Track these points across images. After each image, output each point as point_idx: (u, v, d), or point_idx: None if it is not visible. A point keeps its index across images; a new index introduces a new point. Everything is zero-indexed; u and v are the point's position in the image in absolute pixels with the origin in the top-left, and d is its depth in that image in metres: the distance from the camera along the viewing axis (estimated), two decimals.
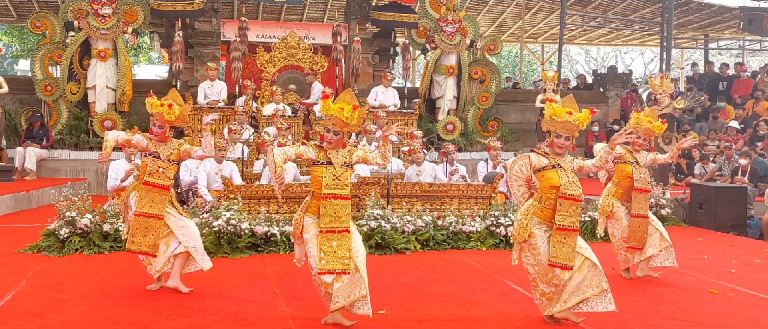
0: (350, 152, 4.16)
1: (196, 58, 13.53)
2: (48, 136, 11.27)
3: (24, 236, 6.81)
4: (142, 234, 4.70)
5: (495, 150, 9.29)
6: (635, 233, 5.55)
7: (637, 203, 5.57)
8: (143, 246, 4.72)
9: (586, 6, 18.12)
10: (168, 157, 4.82)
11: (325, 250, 3.97)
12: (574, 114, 4.13)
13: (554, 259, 4.10)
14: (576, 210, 4.13)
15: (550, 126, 4.24)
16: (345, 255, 3.97)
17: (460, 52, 13.21)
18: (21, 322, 4.11)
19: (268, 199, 6.91)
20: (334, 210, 4.00)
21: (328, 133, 4.10)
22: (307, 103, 11.93)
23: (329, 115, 4.07)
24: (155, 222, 4.72)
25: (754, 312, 4.73)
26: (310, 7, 18.02)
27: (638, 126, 5.69)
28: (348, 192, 4.07)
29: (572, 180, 4.16)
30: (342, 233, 4.00)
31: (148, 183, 4.75)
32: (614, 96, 15.88)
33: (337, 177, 4.03)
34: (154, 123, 4.83)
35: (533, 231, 4.16)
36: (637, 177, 5.59)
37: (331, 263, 3.96)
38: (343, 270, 3.96)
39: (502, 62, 30.99)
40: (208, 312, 4.40)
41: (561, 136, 4.18)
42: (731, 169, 10.63)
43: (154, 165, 4.77)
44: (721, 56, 26.02)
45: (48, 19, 11.78)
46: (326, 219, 4.00)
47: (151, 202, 4.72)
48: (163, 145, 4.85)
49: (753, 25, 15.96)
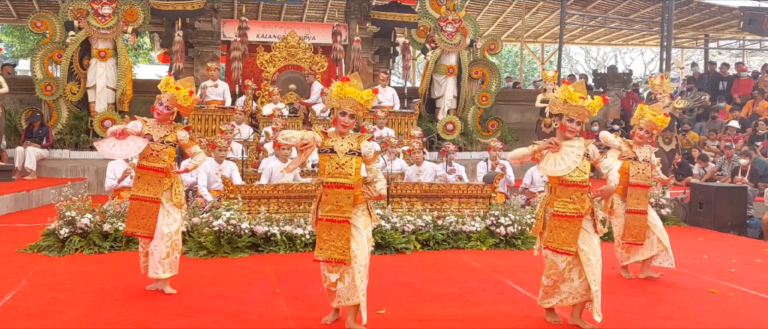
0: (359, 139, 4.04)
1: (196, 58, 13.52)
2: (48, 136, 11.27)
3: (24, 236, 6.81)
4: (138, 217, 4.67)
5: (495, 150, 9.29)
6: (632, 229, 5.50)
7: (633, 199, 5.51)
8: (140, 229, 4.70)
9: (586, 6, 18.11)
10: (162, 139, 4.74)
11: (323, 238, 3.92)
12: (587, 99, 4.10)
13: (550, 244, 4.05)
14: (581, 196, 4.04)
15: (561, 109, 4.14)
16: (344, 245, 3.90)
17: (460, 51, 13.21)
18: (21, 322, 4.11)
19: (268, 199, 6.90)
20: (335, 199, 3.92)
21: (344, 116, 3.99)
22: (307, 102, 11.93)
23: (345, 98, 3.96)
24: (151, 205, 4.68)
25: (754, 312, 4.72)
26: (310, 7, 18.02)
27: (642, 118, 5.60)
28: (351, 181, 3.95)
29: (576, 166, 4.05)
30: (342, 223, 3.92)
31: (143, 166, 4.71)
32: (614, 96, 15.87)
33: (339, 165, 3.94)
34: (161, 102, 4.75)
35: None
36: (633, 172, 5.53)
37: (328, 252, 3.91)
38: (340, 260, 3.91)
39: (502, 62, 30.99)
40: (208, 312, 4.40)
41: (573, 120, 4.11)
42: (731, 169, 10.63)
43: (148, 148, 4.70)
44: (721, 56, 26.03)
45: (48, 19, 11.78)
46: (327, 207, 3.93)
47: (147, 185, 4.68)
48: (158, 127, 4.77)
49: (753, 24, 15.95)
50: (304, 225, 6.56)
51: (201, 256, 6.12)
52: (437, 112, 13.38)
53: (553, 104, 4.20)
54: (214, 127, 10.73)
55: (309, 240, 6.38)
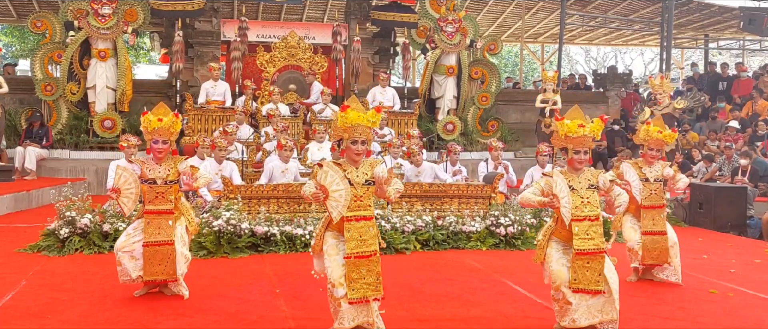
0: (372, 165, 3.82)
1: (196, 58, 13.53)
2: (48, 136, 11.27)
3: (24, 236, 6.81)
4: (156, 263, 4.54)
5: (497, 150, 9.28)
6: (651, 251, 5.35)
7: (648, 221, 5.36)
8: (160, 275, 4.58)
9: (586, 6, 18.12)
10: (165, 180, 4.58)
11: (353, 278, 3.68)
12: (587, 126, 3.97)
13: (576, 285, 3.86)
14: (597, 231, 3.87)
15: (565, 143, 4.03)
16: (375, 280, 3.74)
17: (460, 52, 13.21)
18: (21, 322, 4.11)
19: (268, 199, 6.90)
20: (358, 234, 3.71)
21: (356, 144, 3.75)
22: (307, 102, 11.94)
23: (354, 126, 3.73)
24: (167, 248, 4.55)
25: (754, 312, 4.72)
26: (310, 7, 18.03)
27: (649, 138, 5.44)
28: (371, 212, 3.77)
29: (586, 200, 3.91)
30: (369, 257, 3.72)
31: (150, 211, 4.55)
32: (614, 96, 15.88)
33: (358, 198, 3.73)
34: (156, 140, 4.55)
35: (549, 252, 4.03)
36: (645, 194, 5.36)
37: (361, 291, 3.69)
38: (374, 298, 3.73)
39: (502, 62, 30.99)
40: (208, 312, 4.40)
41: (579, 152, 3.97)
42: (731, 169, 10.63)
43: (152, 192, 4.54)
44: (721, 56, 26.03)
45: (48, 19, 11.78)
46: (352, 244, 3.70)
47: (158, 229, 4.54)
48: (159, 167, 4.60)
49: (753, 25, 15.95)
50: (304, 225, 6.56)
51: (201, 256, 6.11)
52: (437, 112, 13.38)
53: (556, 140, 4.10)
54: (214, 127, 10.73)
55: (309, 240, 6.38)
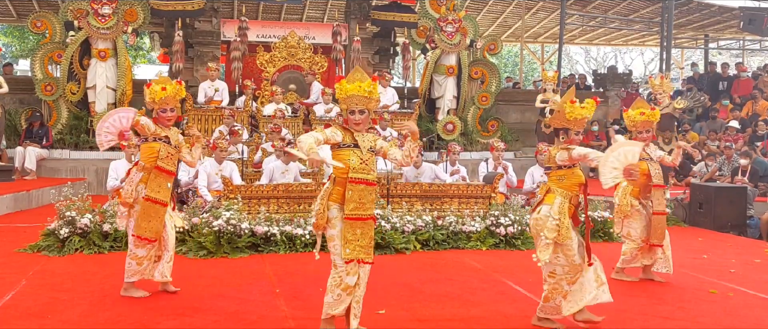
0: (374, 139, 3.92)
1: (196, 58, 13.52)
2: (48, 136, 11.27)
3: (24, 236, 6.81)
4: (147, 219, 4.66)
5: (499, 151, 9.28)
6: (657, 231, 5.46)
7: (656, 199, 5.48)
8: (148, 233, 4.67)
9: (586, 6, 18.12)
10: (176, 144, 4.77)
11: (349, 239, 3.73)
12: (586, 107, 4.14)
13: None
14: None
15: (567, 125, 4.18)
16: (369, 244, 3.79)
17: (460, 51, 13.21)
18: (21, 322, 4.11)
19: (268, 199, 6.90)
20: (359, 196, 3.74)
21: (354, 114, 3.82)
22: (307, 102, 11.94)
23: (350, 96, 3.82)
24: (160, 208, 4.69)
25: (754, 312, 4.72)
26: (310, 7, 18.03)
27: (635, 122, 5.53)
28: (374, 177, 3.81)
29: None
30: (366, 220, 3.76)
31: (160, 167, 4.68)
32: (614, 96, 15.88)
33: (364, 161, 3.78)
34: (165, 108, 4.72)
35: (571, 234, 4.11)
36: (653, 173, 5.48)
37: (355, 252, 3.74)
38: (365, 260, 3.79)
39: (502, 62, 31.00)
40: (208, 312, 4.40)
41: (580, 133, 4.21)
42: (731, 169, 10.63)
43: (165, 150, 4.70)
44: (721, 56, 26.03)
45: (48, 19, 11.78)
46: (351, 205, 3.73)
47: (160, 187, 4.68)
48: (169, 130, 4.77)
49: (753, 25, 15.95)
50: (304, 225, 6.56)
51: (201, 256, 6.12)
52: (437, 112, 13.38)
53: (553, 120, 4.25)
54: (214, 127, 10.73)
55: (309, 240, 6.38)
